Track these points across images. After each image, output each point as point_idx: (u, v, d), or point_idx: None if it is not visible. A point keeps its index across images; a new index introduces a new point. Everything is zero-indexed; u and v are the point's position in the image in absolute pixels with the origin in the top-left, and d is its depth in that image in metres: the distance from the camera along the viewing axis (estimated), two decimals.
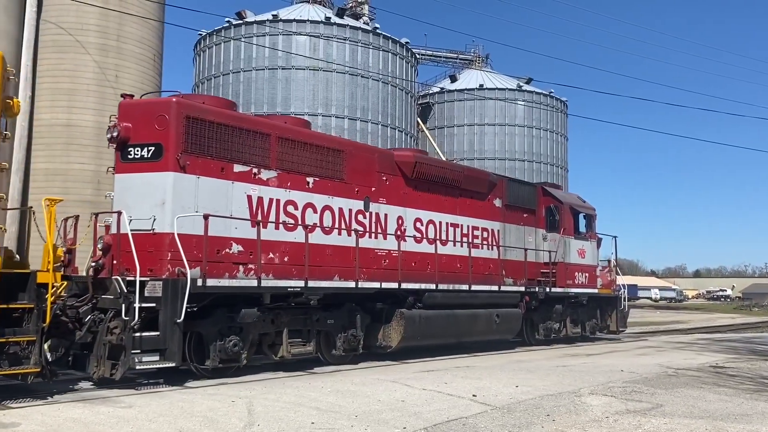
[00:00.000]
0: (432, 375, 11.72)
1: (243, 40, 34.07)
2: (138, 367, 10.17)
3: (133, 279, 10.12)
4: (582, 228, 20.28)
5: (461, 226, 16.21)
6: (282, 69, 33.30)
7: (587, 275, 20.11)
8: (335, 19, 34.52)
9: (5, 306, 8.79)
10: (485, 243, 16.85)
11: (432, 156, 33.08)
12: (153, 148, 10.95)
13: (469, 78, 44.83)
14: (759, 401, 9.68)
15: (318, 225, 12.90)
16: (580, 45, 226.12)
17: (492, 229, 17.13)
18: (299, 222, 12.50)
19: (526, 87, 44.31)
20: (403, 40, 36.71)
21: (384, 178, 14.40)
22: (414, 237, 14.87)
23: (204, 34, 35.50)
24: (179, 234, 10.66)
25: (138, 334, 10.18)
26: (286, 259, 12.28)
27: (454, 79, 45.11)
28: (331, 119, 33.31)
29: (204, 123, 11.27)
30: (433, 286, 14.73)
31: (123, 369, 10.02)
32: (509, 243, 17.66)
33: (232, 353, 11.31)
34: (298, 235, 12.42)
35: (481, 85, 43.30)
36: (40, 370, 9.08)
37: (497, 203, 17.48)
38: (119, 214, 10.64)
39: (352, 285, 13.09)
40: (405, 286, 14.06)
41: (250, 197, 11.89)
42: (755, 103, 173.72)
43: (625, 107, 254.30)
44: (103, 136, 11.58)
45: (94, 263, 10.77)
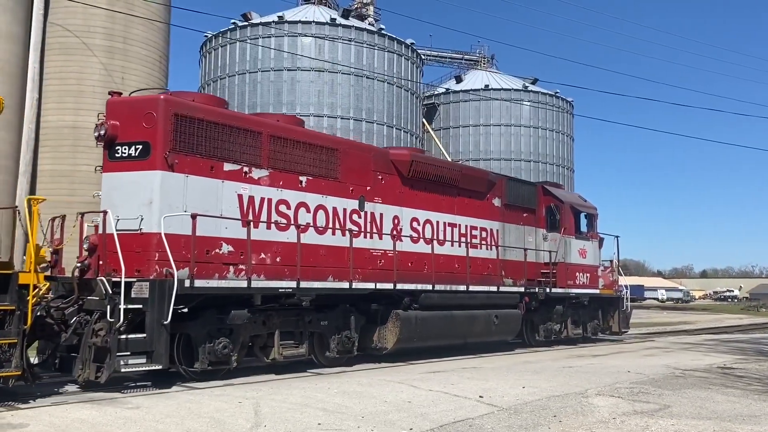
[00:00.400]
0: (438, 376, 11.55)
1: (249, 41, 33.82)
2: (123, 370, 9.80)
3: (119, 280, 9.78)
4: (583, 227, 19.74)
5: (459, 225, 15.73)
6: (287, 70, 33.03)
7: (588, 275, 19.59)
8: (340, 20, 34.22)
9: None
10: (484, 243, 16.37)
11: (437, 156, 32.92)
12: (140, 146, 10.58)
13: (475, 78, 44.38)
14: (767, 402, 9.48)
15: (311, 225, 12.47)
16: (585, 45, 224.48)
17: (491, 229, 16.65)
18: (292, 222, 12.12)
19: (531, 87, 43.84)
20: (408, 40, 36.38)
21: (379, 177, 13.96)
22: (410, 237, 14.40)
23: (210, 35, 35.29)
24: (167, 234, 10.30)
25: (124, 336, 9.84)
26: (278, 260, 11.88)
27: (459, 80, 44.68)
28: (337, 120, 33.02)
29: (193, 121, 10.89)
30: (430, 286, 14.27)
31: (108, 372, 9.68)
32: (509, 243, 17.18)
33: (221, 355, 10.94)
34: (290, 235, 12.02)
35: (487, 86, 42.86)
36: (21, 373, 8.74)
37: (496, 202, 17.00)
38: (104, 213, 10.30)
39: (345, 286, 12.66)
40: (400, 286, 13.62)
41: (240, 196, 11.50)
42: (762, 103, 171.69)
43: (631, 107, 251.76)
44: None
45: (79, 264, 10.44)
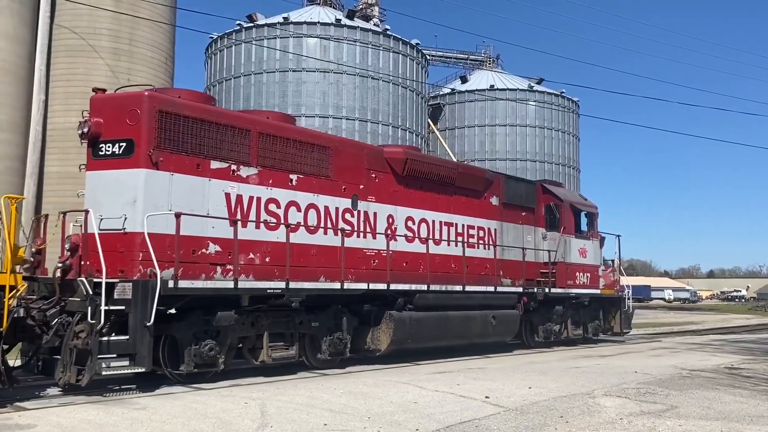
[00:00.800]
0: (444, 376, 11.31)
1: (254, 42, 33.50)
2: (104, 373, 9.38)
3: (101, 280, 9.37)
4: (583, 227, 19.12)
5: (456, 225, 15.16)
6: (293, 71, 32.72)
7: (589, 275, 18.97)
8: (345, 21, 33.89)
9: None
10: (481, 242, 15.80)
11: (442, 157, 32.41)
12: (124, 144, 10.15)
13: (480, 79, 43.85)
14: None
15: (302, 224, 12.00)
16: (591, 45, 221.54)
17: (488, 228, 16.08)
18: (282, 221, 11.66)
19: (537, 87, 43.26)
20: (414, 41, 36.00)
21: (373, 175, 13.44)
22: (405, 236, 13.85)
23: (215, 37, 35.03)
24: (152, 234, 9.89)
25: (106, 338, 9.44)
26: (267, 260, 11.42)
27: (464, 80, 44.14)
28: (342, 121, 32.67)
29: (178, 118, 10.45)
30: (425, 286, 13.76)
31: (89, 375, 9.28)
32: (507, 242, 16.60)
33: (207, 357, 10.50)
34: (280, 235, 11.53)
35: (492, 86, 42.33)
36: None
37: (494, 201, 16.42)
38: (86, 212, 9.91)
39: (337, 286, 12.16)
40: (394, 287, 13.10)
41: (228, 195, 11.03)
42: None
43: (638, 107, 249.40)
44: None
45: (60, 264, 10.04)
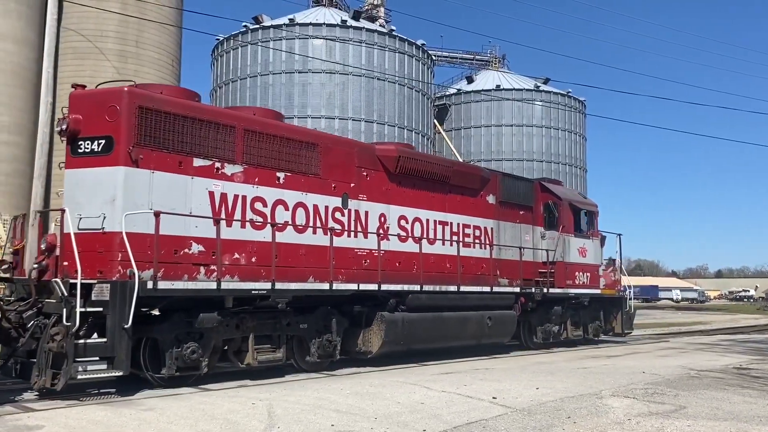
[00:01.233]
0: (451, 377, 11.10)
1: (260, 44, 33.13)
2: (80, 377, 8.91)
3: (80, 282, 8.93)
4: (583, 225, 18.41)
5: (451, 224, 14.54)
6: (299, 73, 32.33)
7: (589, 275, 18.26)
8: (351, 22, 33.47)
9: None
10: (477, 242, 15.16)
11: (448, 157, 31.85)
12: (103, 141, 9.66)
13: (486, 79, 43.21)
14: None
15: (290, 223, 11.50)
16: (598, 44, 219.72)
17: (485, 227, 15.45)
18: (268, 220, 11.17)
19: (543, 87, 42.58)
20: (419, 41, 35.51)
21: (364, 173, 12.86)
22: (398, 236, 13.25)
23: (221, 38, 34.65)
24: (131, 233, 9.40)
25: (82, 341, 8.98)
26: (253, 260, 10.90)
27: (470, 80, 43.50)
28: (348, 122, 32.25)
29: (159, 114, 9.96)
30: (418, 287, 13.19)
31: (64, 379, 8.80)
32: (504, 241, 15.96)
33: (190, 361, 10.01)
34: (266, 234, 11.00)
35: (498, 86, 41.69)
36: None
37: (490, 200, 15.76)
38: (62, 212, 9.46)
39: (325, 287, 11.61)
40: (385, 287, 12.52)
41: (212, 193, 10.51)
42: None
43: (645, 107, 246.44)
44: None
45: (36, 265, 9.61)
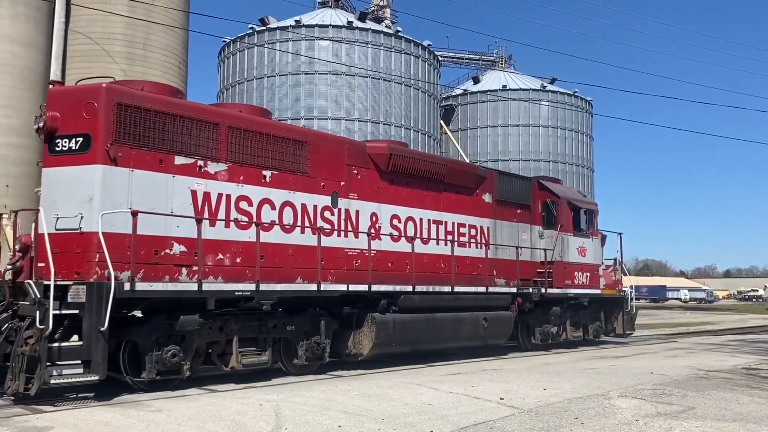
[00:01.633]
0: (458, 378, 10.94)
1: (266, 46, 32.82)
2: (53, 382, 8.49)
3: (53, 283, 8.51)
4: (582, 224, 17.76)
5: (445, 223, 13.96)
6: (305, 74, 31.98)
7: (588, 275, 17.60)
8: (357, 23, 33.08)
9: None
10: (473, 241, 14.57)
11: (455, 158, 31.24)
12: (81, 139, 9.22)
13: (492, 79, 42.56)
14: None
15: (277, 223, 11.02)
16: (605, 44, 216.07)
17: (480, 226, 14.85)
18: (254, 219, 10.69)
19: (549, 87, 41.87)
20: (425, 42, 35.03)
21: (355, 171, 12.33)
22: (390, 235, 12.72)
23: (228, 41, 34.36)
24: (109, 233, 8.96)
25: (57, 344, 8.57)
26: (238, 261, 10.42)
27: (476, 81, 42.85)
28: (354, 123, 31.85)
29: (139, 111, 9.51)
30: (410, 287, 12.65)
31: (38, 383, 8.39)
32: (501, 241, 15.36)
33: (170, 364, 9.55)
34: (252, 234, 10.48)
35: (505, 86, 41.04)
36: None
37: (486, 198, 15.16)
38: (37, 212, 9.06)
39: (313, 288, 11.11)
40: (376, 288, 11.99)
41: (194, 192, 10.02)
42: None
43: (653, 106, 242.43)
44: None
45: (10, 266, 9.20)
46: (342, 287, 11.54)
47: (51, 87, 9.74)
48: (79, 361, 8.79)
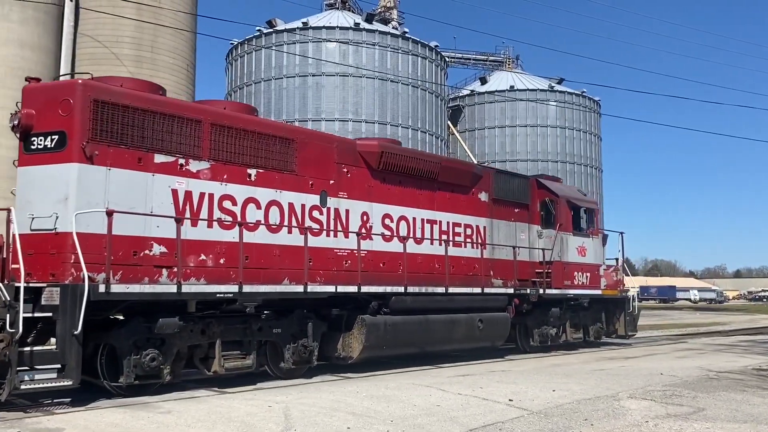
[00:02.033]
0: (467, 379, 10.86)
1: (274, 48, 32.41)
2: (24, 387, 8.05)
3: (30, 285, 8.15)
4: (582, 224, 17.08)
5: (440, 222, 13.37)
6: (312, 76, 31.51)
7: (589, 275, 16.89)
8: (364, 25, 32.59)
9: None
10: (469, 241, 13.96)
11: (462, 159, 30.66)
12: (56, 136, 8.78)
13: (500, 79, 41.81)
14: None
15: (262, 222, 10.53)
16: (613, 43, 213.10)
17: (476, 226, 14.24)
18: (238, 219, 10.21)
19: (557, 87, 41.02)
20: (433, 43, 34.44)
21: (345, 169, 11.80)
22: (382, 235, 12.18)
23: (236, 43, 34.00)
24: (85, 233, 8.53)
25: (29, 348, 8.15)
26: (222, 261, 9.94)
27: (484, 81, 42.09)
28: (362, 124, 31.33)
29: (116, 107, 9.05)
30: (401, 288, 12.09)
31: (8, 389, 7.96)
32: (498, 241, 14.72)
33: (149, 368, 9.11)
34: (236, 234, 10.03)
35: (512, 87, 40.29)
36: None
37: (483, 197, 14.54)
38: (8, 211, 8.64)
39: (299, 289, 10.60)
40: (366, 289, 11.46)
41: (175, 191, 9.55)
42: None
43: (663, 106, 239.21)
44: None
45: None
46: (330, 288, 11.02)
47: (26, 83, 9.29)
48: (58, 366, 8.43)
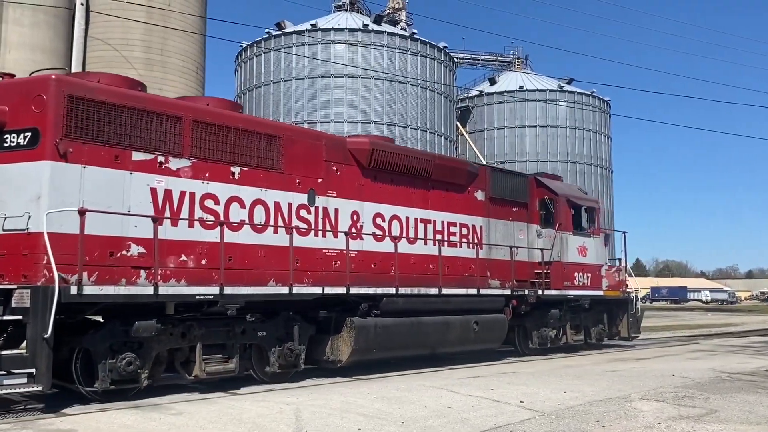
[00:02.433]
0: (477, 381, 10.67)
1: (283, 50, 32.02)
2: None
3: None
4: (583, 223, 16.35)
5: (434, 222, 12.77)
6: (321, 77, 31.13)
7: (589, 276, 16.14)
8: (373, 26, 32.17)
9: None
10: (464, 240, 13.33)
11: (471, 160, 29.96)
12: (29, 133, 8.31)
13: (509, 80, 41.10)
14: None
15: (246, 222, 10.03)
16: (622, 43, 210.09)
17: (473, 225, 13.60)
18: (220, 218, 9.72)
19: (567, 87, 40.24)
20: (441, 44, 33.90)
21: (334, 167, 11.23)
22: (373, 234, 11.60)
23: (245, 45, 33.70)
24: (58, 233, 8.03)
25: None
26: (203, 262, 9.42)
27: (493, 82, 41.40)
28: (371, 126, 30.86)
29: (92, 104, 8.59)
30: (393, 290, 11.51)
31: None
32: (495, 240, 14.06)
33: (125, 373, 8.64)
34: (218, 234, 9.59)
35: (521, 87, 39.58)
36: None
37: (479, 196, 13.89)
38: None
39: (284, 291, 10.06)
40: (355, 290, 10.90)
41: (154, 190, 9.05)
42: None
43: (672, 106, 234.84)
44: None
45: None
46: (317, 290, 10.46)
47: (0, 79, 8.90)
48: (30, 371, 8.02)
